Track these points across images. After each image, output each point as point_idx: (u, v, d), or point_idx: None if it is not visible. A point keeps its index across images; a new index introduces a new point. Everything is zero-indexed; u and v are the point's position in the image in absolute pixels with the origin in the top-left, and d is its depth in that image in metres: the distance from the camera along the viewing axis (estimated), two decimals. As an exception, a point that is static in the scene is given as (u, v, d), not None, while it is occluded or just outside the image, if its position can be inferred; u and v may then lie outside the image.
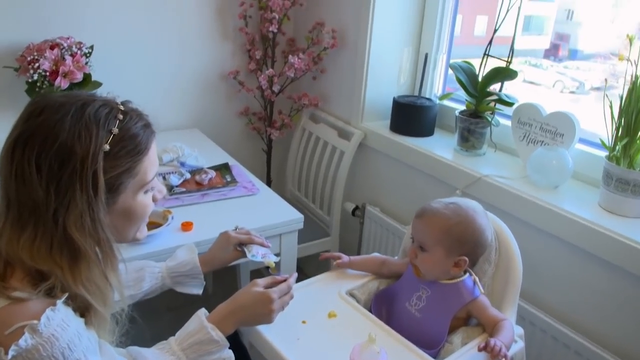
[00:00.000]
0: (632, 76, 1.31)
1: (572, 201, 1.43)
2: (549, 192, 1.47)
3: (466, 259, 1.08)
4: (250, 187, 1.66)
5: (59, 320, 0.75)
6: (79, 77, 1.67)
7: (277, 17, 2.02)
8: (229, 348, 1.04)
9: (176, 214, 1.43)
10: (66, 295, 0.77)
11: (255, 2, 2.10)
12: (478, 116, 1.69)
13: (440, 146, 1.80)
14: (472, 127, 1.70)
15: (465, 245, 1.08)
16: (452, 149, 1.77)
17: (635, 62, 1.31)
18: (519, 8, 1.59)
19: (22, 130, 0.77)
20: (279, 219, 1.50)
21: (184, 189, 1.59)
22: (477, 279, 1.11)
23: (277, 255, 1.34)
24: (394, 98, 1.92)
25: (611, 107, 1.37)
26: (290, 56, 2.05)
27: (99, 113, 0.79)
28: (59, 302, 0.76)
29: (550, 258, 1.45)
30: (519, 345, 1.07)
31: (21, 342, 0.70)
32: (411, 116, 1.88)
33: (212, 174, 1.66)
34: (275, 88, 2.14)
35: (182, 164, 1.73)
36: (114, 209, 0.83)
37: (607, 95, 1.38)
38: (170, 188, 1.58)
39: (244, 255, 1.22)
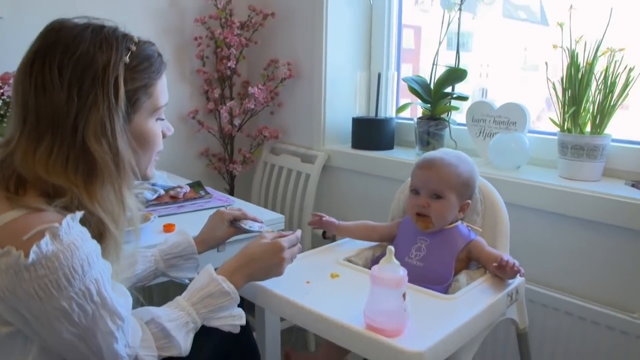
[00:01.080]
0: (567, 53, 1.48)
1: (534, 175, 1.53)
2: (512, 172, 1.58)
3: (469, 202, 1.15)
4: (225, 199, 1.66)
5: (78, 231, 0.73)
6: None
7: (234, 52, 2.12)
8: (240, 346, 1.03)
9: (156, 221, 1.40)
10: (83, 213, 0.75)
11: (212, 43, 2.21)
12: (436, 119, 1.81)
13: (402, 155, 1.90)
14: (432, 130, 1.81)
15: (469, 189, 1.16)
16: (415, 155, 1.86)
17: (567, 48, 1.49)
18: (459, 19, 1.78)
19: (41, 44, 0.78)
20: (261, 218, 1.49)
21: (159, 202, 1.56)
22: (469, 225, 1.16)
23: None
24: (353, 118, 2.03)
25: (554, 87, 1.53)
26: (250, 88, 2.13)
27: (117, 32, 0.83)
28: (78, 213, 0.73)
29: (523, 229, 1.52)
30: (519, 279, 1.10)
31: (42, 243, 0.68)
32: (371, 131, 1.98)
33: (187, 188, 1.65)
34: (236, 122, 2.20)
35: (153, 185, 1.70)
36: (130, 128, 0.84)
37: (548, 79, 1.54)
38: (146, 203, 1.55)
39: (238, 232, 1.20)
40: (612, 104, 1.42)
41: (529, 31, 2.07)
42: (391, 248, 0.88)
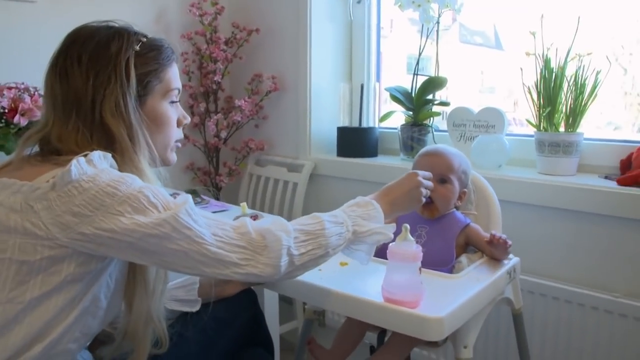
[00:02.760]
0: (542, 59, 1.61)
1: (515, 172, 1.64)
2: (494, 170, 1.68)
3: (466, 190, 1.25)
4: (221, 205, 1.70)
5: (109, 165, 0.82)
6: (38, 114, 1.67)
7: (220, 67, 2.19)
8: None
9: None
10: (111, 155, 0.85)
11: (197, 58, 2.26)
12: (418, 125, 1.91)
13: (387, 161, 1.99)
14: (415, 135, 1.91)
15: (467, 178, 1.27)
16: (400, 160, 1.96)
17: (539, 55, 1.62)
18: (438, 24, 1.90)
19: (64, 43, 0.90)
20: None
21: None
22: (464, 212, 1.25)
23: None
24: (338, 127, 2.11)
25: (530, 91, 1.65)
26: (236, 100, 2.19)
27: (130, 28, 0.94)
28: (109, 155, 0.83)
29: (508, 222, 1.60)
30: (515, 259, 1.19)
31: (81, 160, 0.77)
32: (356, 140, 2.07)
33: (183, 195, 1.69)
34: (222, 134, 2.25)
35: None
36: (145, 111, 0.92)
37: (524, 84, 1.67)
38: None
39: None
40: (583, 103, 1.55)
41: (485, 55, 2.22)
42: (406, 225, 0.95)
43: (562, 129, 1.60)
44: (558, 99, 1.58)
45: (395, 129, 2.00)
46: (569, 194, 1.48)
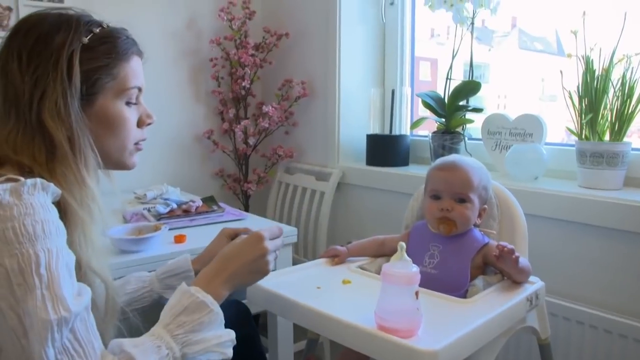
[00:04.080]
0: (583, 61, 1.46)
1: (553, 185, 1.49)
2: (530, 183, 1.54)
3: (486, 207, 1.13)
4: (237, 214, 1.64)
5: (42, 199, 0.71)
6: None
7: (249, 72, 2.15)
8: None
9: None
10: (51, 185, 0.74)
11: (227, 64, 2.23)
12: (451, 132, 1.79)
13: (418, 170, 1.87)
14: (447, 143, 1.79)
15: (487, 193, 1.14)
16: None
17: (581, 57, 1.47)
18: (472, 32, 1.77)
19: (9, 33, 0.81)
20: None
21: (171, 216, 1.55)
22: (483, 229, 1.13)
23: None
24: (367, 135, 2.02)
25: (571, 96, 1.50)
26: (264, 106, 2.15)
27: (83, 18, 0.84)
28: (50, 185, 0.73)
29: (544, 240, 1.47)
30: (540, 284, 1.05)
31: (1, 187, 0.68)
32: (386, 148, 1.97)
33: (199, 202, 1.65)
34: (251, 141, 2.20)
35: (167, 200, 1.70)
36: (93, 112, 0.83)
37: (564, 88, 1.52)
38: (158, 217, 1.54)
39: None
40: (631, 109, 1.39)
41: (546, 62, 2.07)
42: (402, 244, 0.85)
43: (606, 137, 1.44)
44: (602, 104, 1.43)
45: (428, 136, 1.88)
46: (613, 211, 1.32)
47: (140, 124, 0.92)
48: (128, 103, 0.88)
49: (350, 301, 0.99)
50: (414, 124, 1.95)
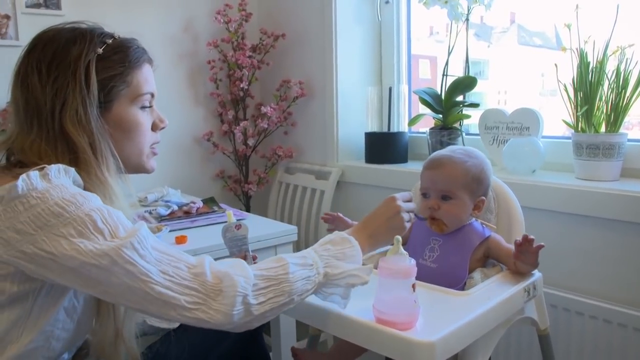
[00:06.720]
0: (577, 54, 1.47)
1: (551, 178, 1.50)
2: (527, 175, 1.55)
3: (484, 198, 1.12)
4: (239, 214, 1.66)
5: (68, 180, 0.77)
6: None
7: (246, 73, 2.16)
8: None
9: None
10: (74, 170, 0.80)
11: (224, 65, 2.25)
12: (448, 128, 1.80)
13: (417, 167, 1.88)
14: (444, 139, 1.80)
15: (481, 184, 1.11)
16: (429, 165, 1.85)
17: (575, 49, 1.48)
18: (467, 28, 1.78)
19: (24, 51, 0.85)
20: (273, 229, 1.49)
21: (172, 218, 1.57)
22: (483, 222, 1.13)
23: None
24: (365, 133, 2.03)
25: (566, 89, 1.51)
26: (262, 107, 2.16)
27: (96, 30, 0.88)
28: (71, 170, 0.78)
29: (542, 232, 1.47)
30: (537, 275, 1.06)
31: (32, 175, 0.73)
32: (385, 145, 1.98)
33: (200, 204, 1.66)
34: (250, 142, 2.22)
35: (167, 202, 1.72)
36: (110, 118, 0.88)
37: (559, 81, 1.52)
38: (160, 219, 1.56)
39: None
40: (626, 100, 1.40)
41: (546, 57, 2.08)
42: (398, 238, 0.86)
43: (602, 129, 1.45)
44: (597, 96, 1.43)
45: (426, 133, 1.89)
46: (610, 202, 1.33)
47: (154, 127, 0.96)
48: (142, 108, 0.92)
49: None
50: (412, 121, 1.96)
